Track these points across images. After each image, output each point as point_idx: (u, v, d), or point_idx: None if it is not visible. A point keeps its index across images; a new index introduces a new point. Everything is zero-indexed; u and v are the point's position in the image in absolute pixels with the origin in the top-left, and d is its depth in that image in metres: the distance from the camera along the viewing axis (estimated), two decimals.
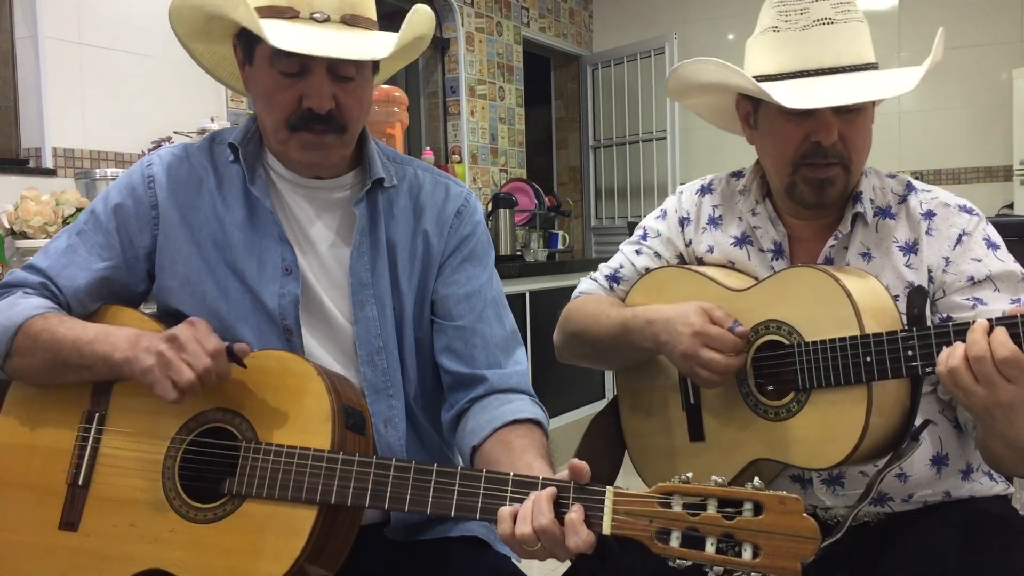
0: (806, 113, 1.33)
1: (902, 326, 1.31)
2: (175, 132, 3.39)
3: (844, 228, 1.42)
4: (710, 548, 0.98)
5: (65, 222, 2.81)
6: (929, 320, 1.36)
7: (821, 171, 1.37)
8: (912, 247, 1.41)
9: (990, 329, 1.15)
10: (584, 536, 1.03)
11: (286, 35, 1.21)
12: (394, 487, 1.14)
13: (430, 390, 1.43)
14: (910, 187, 1.46)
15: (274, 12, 1.26)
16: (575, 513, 1.04)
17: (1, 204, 2.86)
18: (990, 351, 1.13)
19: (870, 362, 1.24)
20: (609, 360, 1.57)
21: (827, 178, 1.37)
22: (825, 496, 1.41)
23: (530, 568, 1.41)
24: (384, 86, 3.59)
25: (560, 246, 5.56)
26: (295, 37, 1.21)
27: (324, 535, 1.16)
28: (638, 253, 1.60)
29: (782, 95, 1.30)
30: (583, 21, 6.85)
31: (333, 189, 1.39)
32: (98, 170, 3.14)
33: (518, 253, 4.95)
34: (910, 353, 1.22)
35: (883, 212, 1.43)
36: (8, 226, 2.80)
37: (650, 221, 1.63)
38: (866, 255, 1.42)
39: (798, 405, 1.31)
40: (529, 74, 6.18)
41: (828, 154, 1.36)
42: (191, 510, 1.20)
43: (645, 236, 1.61)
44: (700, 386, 1.40)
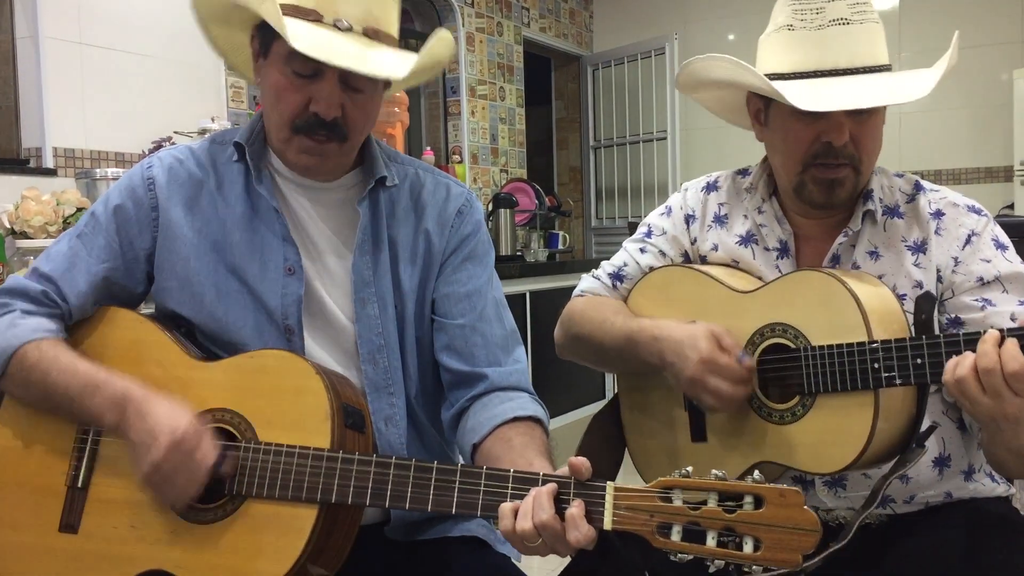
0: (818, 113, 1.32)
1: (910, 332, 1.30)
2: (176, 132, 3.39)
3: (855, 225, 1.41)
4: (711, 542, 0.99)
5: (66, 222, 2.81)
6: (937, 322, 1.35)
7: (831, 171, 1.36)
8: (921, 246, 1.40)
9: (1001, 340, 1.14)
10: (585, 531, 1.03)
11: (307, 38, 1.20)
12: (394, 485, 1.14)
13: (430, 389, 1.43)
14: (918, 186, 1.45)
15: (298, 12, 1.25)
16: (575, 508, 1.04)
17: (2, 204, 2.86)
18: (1000, 364, 1.12)
19: (878, 368, 1.22)
20: (611, 367, 1.57)
21: (837, 179, 1.36)
22: (827, 498, 1.41)
23: (530, 568, 1.41)
24: None
25: (560, 246, 5.57)
26: (315, 41, 1.20)
27: (325, 534, 1.16)
28: (642, 251, 1.58)
29: (796, 96, 1.29)
30: (584, 21, 6.85)
31: (336, 189, 1.39)
32: (99, 170, 3.14)
33: (518, 253, 4.95)
34: (919, 361, 1.21)
35: (891, 211, 1.43)
36: (9, 226, 2.80)
37: (654, 218, 1.61)
38: (874, 253, 1.41)
39: (803, 409, 1.30)
40: (529, 74, 6.18)
41: (839, 155, 1.34)
42: (191, 511, 1.20)
43: (650, 233, 1.59)
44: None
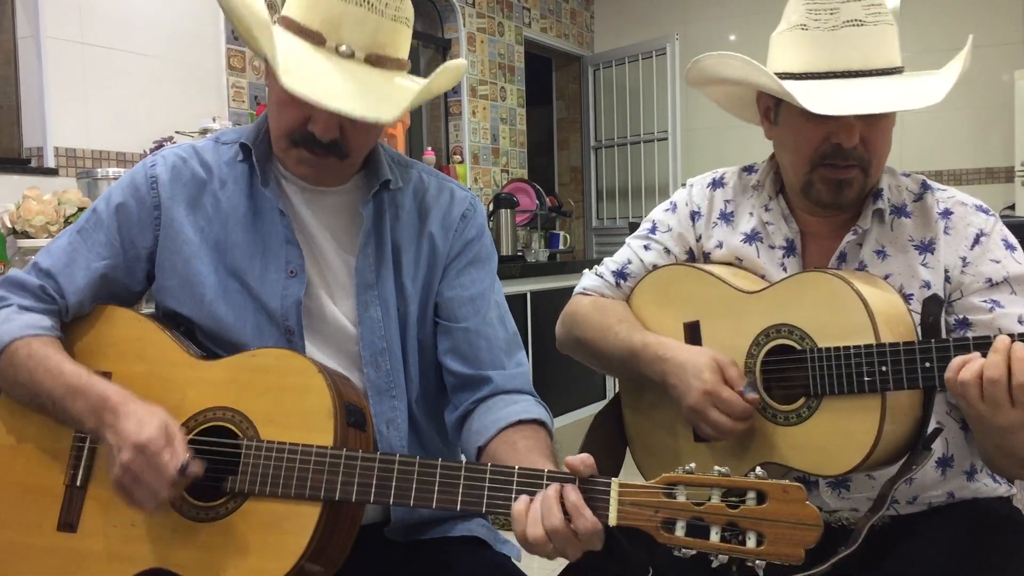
0: (829, 115, 1.30)
1: (917, 335, 1.29)
2: (177, 132, 3.39)
3: (864, 223, 1.40)
4: (715, 537, 1.00)
5: (67, 222, 2.81)
6: (944, 324, 1.35)
7: (840, 172, 1.35)
8: (928, 246, 1.39)
9: (1010, 346, 1.14)
10: (589, 517, 1.04)
11: (301, 73, 1.18)
12: (399, 482, 1.14)
13: (431, 392, 1.43)
14: (926, 186, 1.44)
15: (301, 31, 1.24)
16: (573, 495, 1.05)
17: (3, 203, 2.86)
18: (1008, 374, 1.12)
19: (885, 371, 1.22)
20: (612, 374, 1.57)
21: (846, 179, 1.35)
22: (830, 499, 1.40)
23: (530, 568, 1.41)
24: None
25: (561, 246, 5.57)
26: (310, 76, 1.19)
27: (327, 533, 1.16)
28: (646, 248, 1.57)
29: (808, 99, 1.28)
30: (584, 22, 6.85)
31: (340, 192, 1.38)
32: (100, 170, 3.13)
33: (519, 253, 4.95)
34: (927, 365, 1.21)
35: (899, 210, 1.42)
36: (10, 225, 2.80)
37: (659, 214, 1.59)
38: (881, 253, 1.40)
39: (808, 411, 1.29)
40: (530, 74, 6.18)
41: (848, 156, 1.33)
42: (192, 509, 1.19)
43: (654, 230, 1.58)
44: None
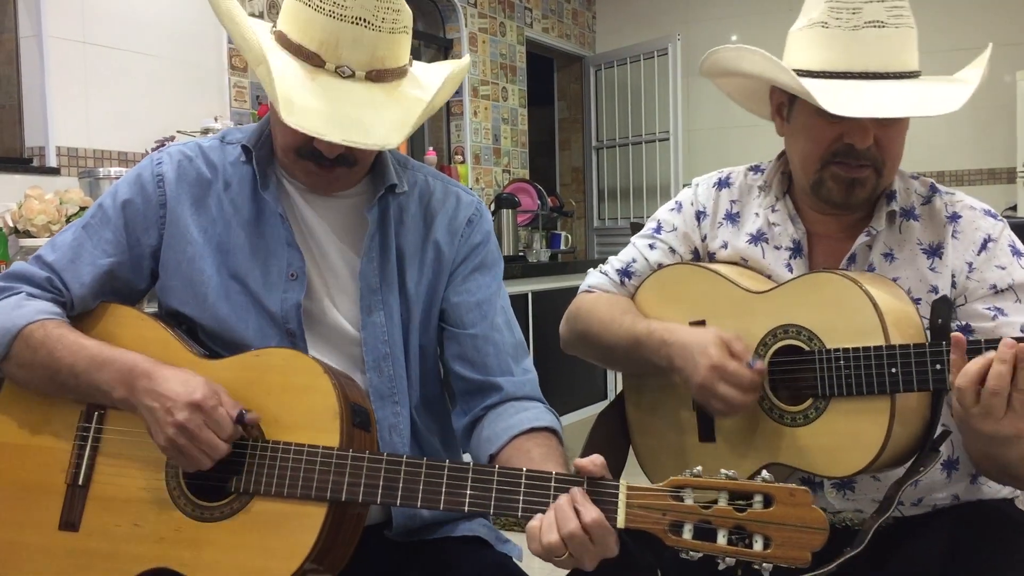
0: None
1: (926, 337, 1.29)
2: (178, 131, 3.39)
3: (878, 225, 1.39)
4: (722, 540, 1.01)
5: (68, 221, 2.81)
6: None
7: (853, 171, 1.34)
8: (936, 250, 1.38)
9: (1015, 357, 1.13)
10: (592, 509, 1.05)
11: (301, 100, 1.18)
12: (406, 483, 1.13)
13: (430, 398, 1.43)
14: (934, 189, 1.44)
15: (300, 53, 1.23)
16: (581, 495, 1.06)
17: (5, 203, 2.86)
18: (1011, 382, 1.12)
19: (895, 373, 1.21)
20: (618, 366, 1.56)
21: (858, 178, 1.34)
22: (835, 500, 1.40)
23: (531, 568, 1.40)
24: None
25: (563, 247, 5.57)
26: (310, 103, 1.18)
27: (332, 533, 1.15)
28: (651, 247, 1.56)
29: (825, 98, 1.27)
30: (586, 22, 6.85)
31: (344, 195, 1.37)
32: (101, 169, 3.14)
33: (521, 254, 4.95)
34: (938, 367, 1.20)
35: (907, 213, 1.41)
36: (12, 225, 2.80)
37: (664, 214, 1.59)
38: (889, 255, 1.40)
39: (816, 412, 1.29)
40: (532, 75, 6.18)
41: (861, 157, 1.32)
42: (197, 508, 1.19)
43: (659, 229, 1.57)
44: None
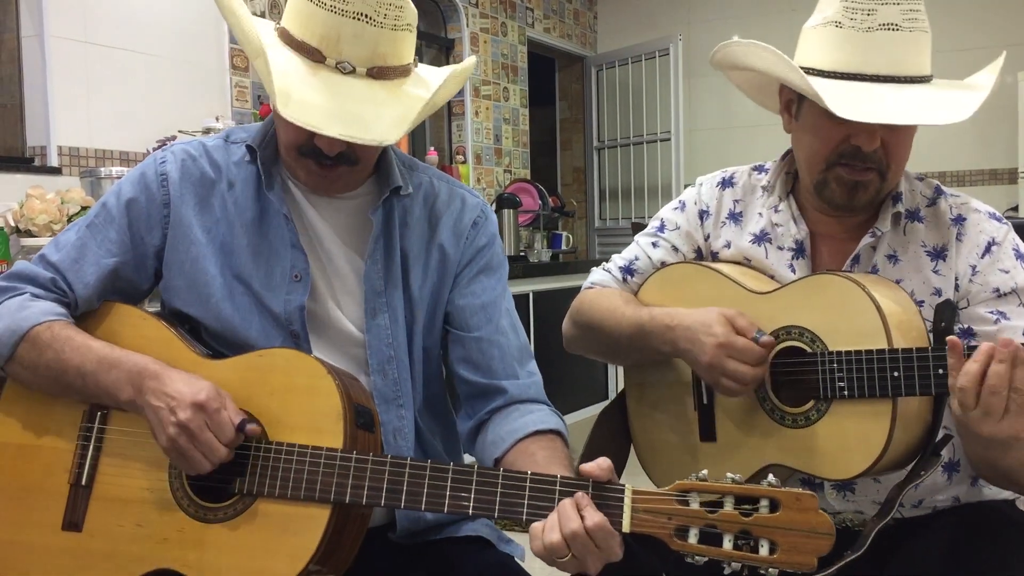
0: None
1: (929, 340, 1.28)
2: (180, 131, 3.39)
3: (884, 226, 1.39)
4: (728, 544, 1.00)
5: (70, 220, 2.81)
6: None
7: (857, 173, 1.33)
8: (940, 252, 1.38)
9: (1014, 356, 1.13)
10: (596, 513, 1.04)
11: (298, 94, 1.18)
12: (410, 485, 1.13)
13: (433, 400, 1.42)
14: (939, 191, 1.43)
15: (302, 48, 1.23)
16: (585, 499, 1.05)
17: (6, 202, 2.86)
18: (1009, 382, 1.12)
19: (897, 377, 1.21)
20: (621, 357, 1.56)
21: (861, 181, 1.34)
22: (835, 501, 1.40)
23: (533, 568, 1.40)
24: None
25: (564, 247, 5.57)
26: (308, 97, 1.18)
27: (336, 535, 1.15)
28: (654, 246, 1.56)
29: (833, 101, 1.26)
30: (588, 22, 6.85)
31: (349, 196, 1.37)
32: (103, 168, 3.14)
33: (522, 254, 4.95)
34: (940, 372, 1.19)
35: (912, 215, 1.41)
36: (13, 224, 2.80)
37: (668, 212, 1.59)
38: (892, 257, 1.39)
39: (817, 414, 1.29)
40: (533, 75, 6.18)
41: (867, 159, 1.32)
42: (200, 509, 1.19)
43: (662, 228, 1.58)
44: (722, 395, 1.38)
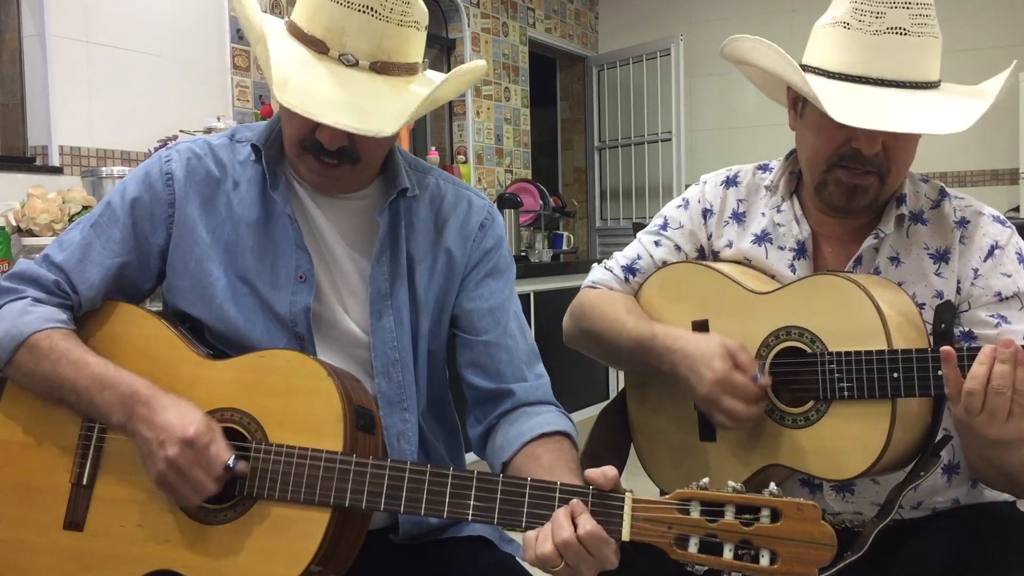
0: None
1: (929, 342, 1.28)
2: (181, 131, 3.39)
3: (887, 228, 1.38)
4: (728, 554, 0.99)
5: (71, 220, 2.81)
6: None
7: (856, 177, 1.33)
8: (943, 255, 1.38)
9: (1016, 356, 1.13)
10: (589, 521, 1.04)
11: (297, 82, 1.17)
12: (409, 490, 1.13)
13: (436, 403, 1.42)
14: (943, 193, 1.43)
15: (305, 39, 1.23)
16: (579, 507, 1.05)
17: (8, 202, 2.86)
18: (1012, 382, 1.12)
19: (897, 378, 1.21)
20: (620, 365, 1.56)
21: (861, 185, 1.33)
22: (834, 502, 1.40)
23: (534, 567, 1.41)
24: None
25: (565, 247, 5.57)
26: (306, 85, 1.18)
27: (336, 538, 1.15)
28: (657, 244, 1.56)
29: (834, 104, 1.25)
30: (589, 22, 6.85)
31: (355, 197, 1.36)
32: (104, 168, 3.14)
33: (523, 254, 4.96)
34: (940, 373, 1.19)
35: (916, 217, 1.41)
36: (14, 224, 2.80)
37: (671, 210, 1.59)
38: (895, 259, 1.39)
39: (817, 414, 1.29)
40: (535, 75, 6.18)
41: (867, 162, 1.32)
42: (201, 511, 1.19)
43: (665, 226, 1.57)
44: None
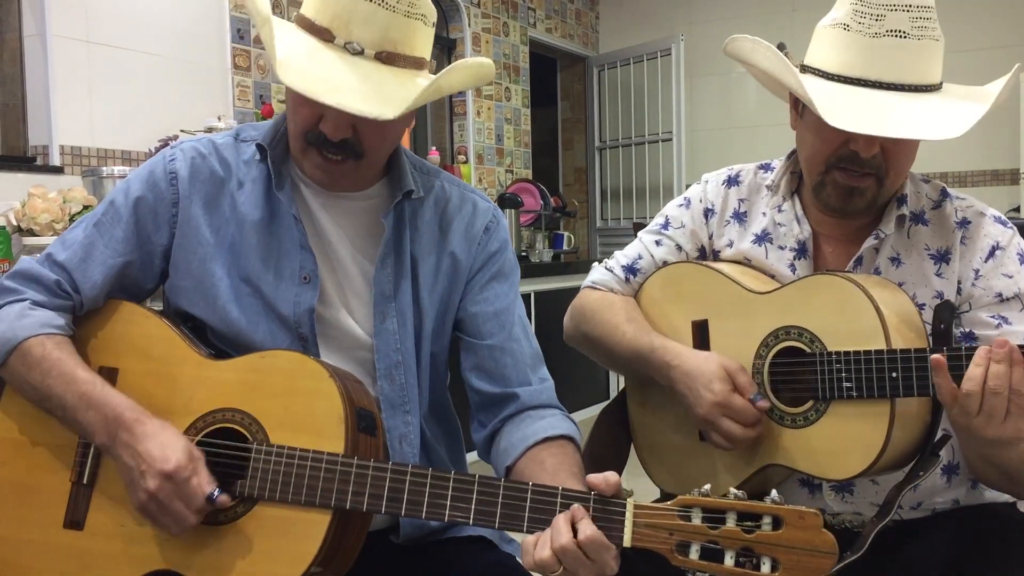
0: None
1: (928, 342, 1.28)
2: (182, 131, 3.39)
3: (887, 228, 1.38)
4: (729, 561, 0.99)
5: (72, 219, 2.81)
6: (953, 335, 1.34)
7: (854, 179, 1.33)
8: (944, 256, 1.37)
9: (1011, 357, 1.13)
10: (589, 526, 1.03)
11: (299, 65, 1.17)
12: (410, 494, 1.13)
13: (438, 406, 1.42)
14: (945, 193, 1.42)
15: (312, 28, 1.23)
16: (580, 512, 1.04)
17: (8, 201, 2.87)
18: (1009, 382, 1.12)
19: (895, 377, 1.21)
20: (620, 371, 1.57)
21: (857, 187, 1.33)
22: (834, 502, 1.40)
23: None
24: None
25: (565, 247, 5.57)
26: (308, 68, 1.17)
27: (337, 540, 1.15)
28: (658, 244, 1.56)
29: (830, 107, 1.25)
30: (589, 22, 6.85)
31: (360, 198, 1.36)
32: (105, 168, 3.15)
33: (523, 254, 4.96)
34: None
35: (917, 217, 1.40)
36: (15, 223, 2.80)
37: (673, 210, 1.58)
38: (896, 260, 1.39)
39: (816, 414, 1.29)
40: (535, 75, 6.18)
41: (864, 164, 1.31)
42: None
43: (667, 225, 1.57)
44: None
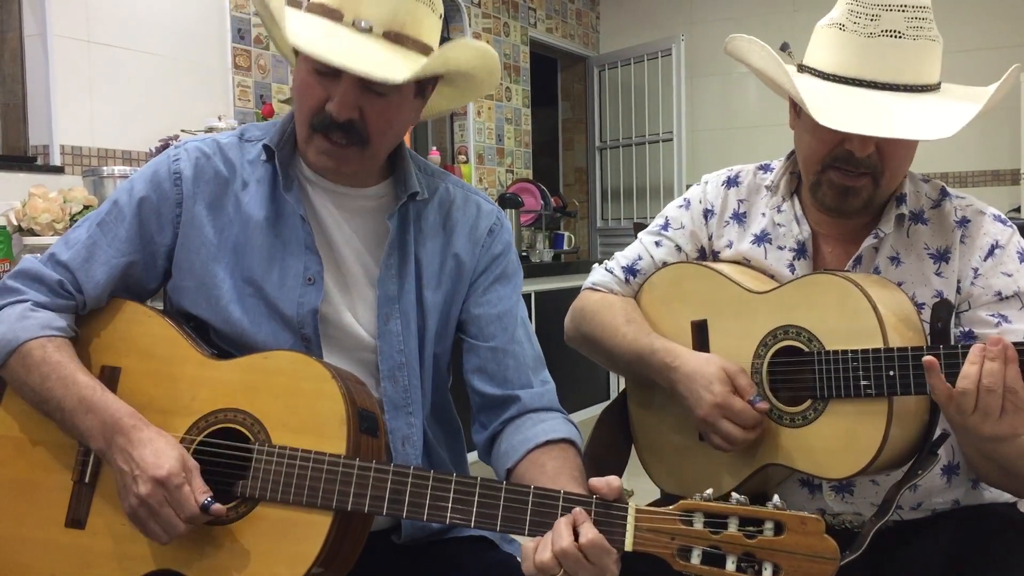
0: None
1: (926, 340, 1.28)
2: (183, 131, 3.39)
3: (887, 227, 1.38)
4: (731, 566, 0.99)
5: (72, 219, 2.81)
6: (952, 334, 1.33)
7: (849, 179, 1.33)
8: (944, 255, 1.37)
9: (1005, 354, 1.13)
10: (591, 530, 1.03)
11: (310, 33, 1.18)
12: (412, 496, 1.13)
13: (440, 408, 1.42)
14: (944, 192, 1.43)
15: (323, 10, 1.24)
16: (581, 515, 1.04)
17: (9, 201, 2.87)
18: (1003, 380, 1.12)
19: (893, 376, 1.21)
20: (620, 373, 1.57)
21: (853, 187, 1.33)
22: (834, 502, 1.40)
23: None
24: None
25: (566, 247, 5.58)
26: (317, 36, 1.18)
27: (338, 541, 1.15)
28: (658, 245, 1.56)
29: (823, 108, 1.25)
30: (590, 22, 6.85)
31: (365, 198, 1.36)
32: (105, 168, 3.14)
33: (524, 254, 4.96)
34: None
35: (916, 217, 1.40)
36: (16, 223, 2.80)
37: (672, 211, 1.59)
38: (895, 259, 1.39)
39: (815, 413, 1.29)
40: (536, 75, 6.19)
41: (860, 164, 1.31)
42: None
43: (667, 226, 1.58)
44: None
